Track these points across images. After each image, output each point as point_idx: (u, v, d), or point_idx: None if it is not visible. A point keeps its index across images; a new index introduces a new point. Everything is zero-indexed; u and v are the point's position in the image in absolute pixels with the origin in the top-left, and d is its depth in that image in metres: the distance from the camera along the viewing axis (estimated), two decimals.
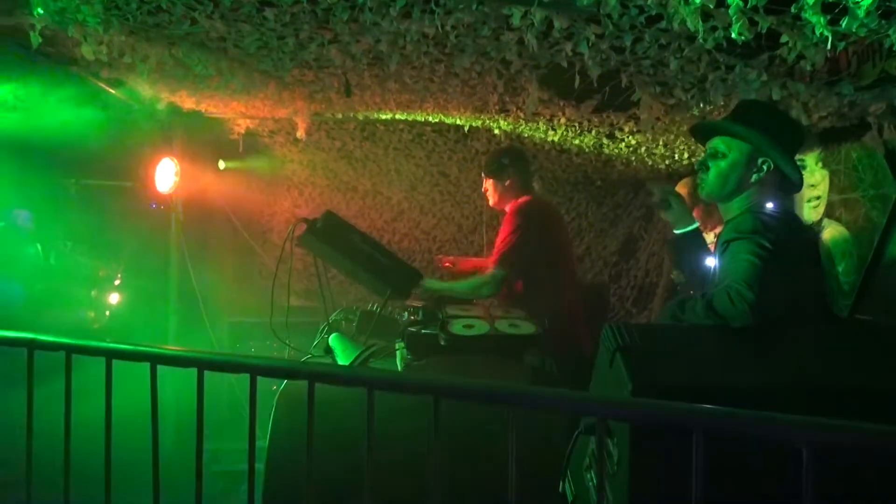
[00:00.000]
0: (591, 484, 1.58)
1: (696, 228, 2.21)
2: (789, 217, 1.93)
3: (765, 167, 1.88)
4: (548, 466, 1.72)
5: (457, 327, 2.33)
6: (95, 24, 2.14)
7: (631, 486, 1.35)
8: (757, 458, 1.23)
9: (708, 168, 1.95)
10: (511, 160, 3.23)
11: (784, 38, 1.82)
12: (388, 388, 1.30)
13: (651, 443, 1.32)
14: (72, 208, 3.68)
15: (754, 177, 1.89)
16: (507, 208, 3.24)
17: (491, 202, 3.32)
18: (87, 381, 1.65)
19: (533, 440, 1.66)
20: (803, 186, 3.09)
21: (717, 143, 1.94)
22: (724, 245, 1.81)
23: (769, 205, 1.90)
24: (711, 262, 2.13)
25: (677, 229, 2.22)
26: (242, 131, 4.09)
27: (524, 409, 1.16)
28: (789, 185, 1.93)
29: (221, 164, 4.49)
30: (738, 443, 1.12)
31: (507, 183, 3.20)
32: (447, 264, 3.56)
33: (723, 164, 1.92)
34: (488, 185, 3.28)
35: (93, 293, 3.97)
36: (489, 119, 3.48)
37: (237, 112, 3.69)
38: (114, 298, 4.05)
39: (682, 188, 3.12)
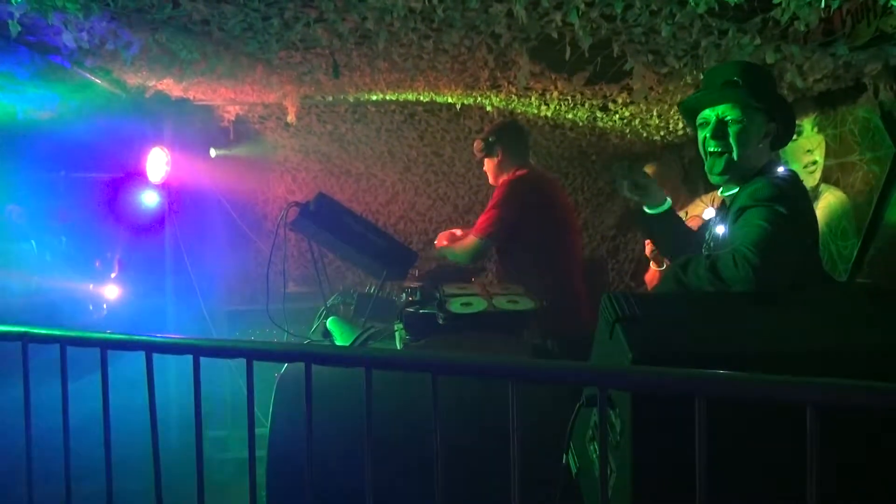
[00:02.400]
0: (594, 455, 1.57)
1: (671, 207, 2.13)
2: (798, 180, 1.89)
3: (773, 131, 1.86)
4: (550, 440, 1.72)
5: (455, 305, 2.32)
6: (75, 10, 2.10)
7: (634, 455, 1.34)
8: (759, 422, 1.22)
9: (726, 140, 1.85)
10: (497, 136, 3.25)
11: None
12: (385, 367, 1.28)
13: (653, 411, 1.31)
14: (63, 202, 3.65)
15: (762, 143, 1.87)
16: (496, 182, 3.28)
17: (490, 180, 3.36)
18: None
19: (534, 414, 1.65)
20: (801, 151, 3.10)
21: (726, 111, 1.86)
22: (738, 212, 1.76)
23: (780, 169, 1.88)
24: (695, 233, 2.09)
25: (651, 209, 2.12)
26: (232, 118, 4.05)
27: (525, 383, 1.15)
28: (780, 143, 1.92)
29: (213, 152, 4.44)
30: (739, 408, 1.11)
31: (497, 160, 3.24)
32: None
33: (741, 132, 1.84)
34: (485, 164, 3.33)
35: (90, 287, 3.95)
36: (481, 96, 3.44)
37: (226, 98, 3.65)
38: (111, 292, 4.04)
39: (648, 170, 3.08)
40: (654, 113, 3.43)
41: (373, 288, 2.99)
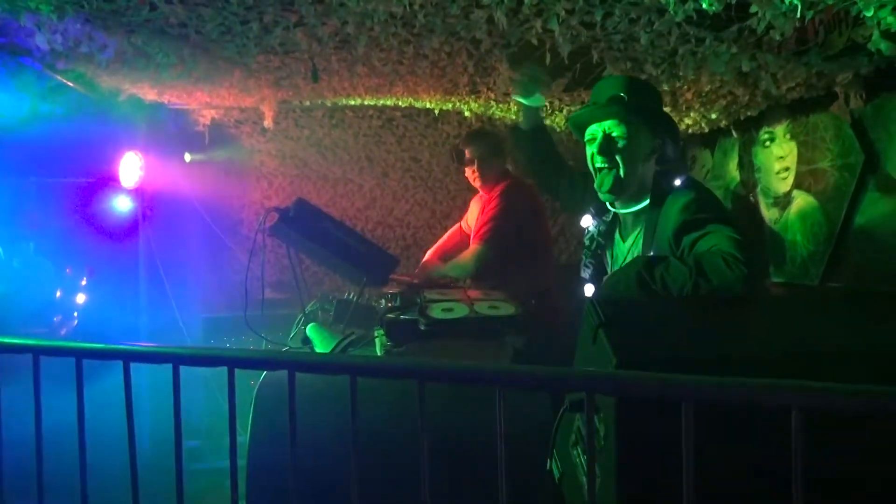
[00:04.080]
0: (577, 460, 1.57)
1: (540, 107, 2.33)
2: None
3: (659, 147, 1.93)
4: (534, 445, 1.72)
5: (436, 311, 2.31)
6: (49, 11, 2.05)
7: (618, 460, 1.34)
8: (744, 426, 1.24)
9: (612, 157, 1.89)
10: (483, 143, 3.33)
11: (754, 9, 1.82)
12: (371, 374, 1.27)
13: (637, 416, 1.31)
14: (32, 207, 3.56)
15: (649, 159, 1.91)
16: (489, 189, 3.32)
17: (476, 184, 3.41)
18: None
19: (518, 420, 1.65)
20: (773, 158, 3.16)
21: (612, 127, 1.90)
22: (682, 228, 1.77)
23: (677, 182, 1.93)
24: None
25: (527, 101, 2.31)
26: (208, 122, 4.00)
27: (510, 388, 1.15)
28: (667, 159, 1.97)
29: (187, 157, 4.38)
30: (724, 412, 1.12)
31: (483, 166, 3.30)
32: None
33: (627, 148, 1.89)
34: (469, 170, 3.38)
35: (58, 294, 3.86)
36: (459, 101, 3.45)
37: (202, 102, 3.60)
38: (81, 299, 3.95)
39: None
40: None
41: (352, 294, 2.97)
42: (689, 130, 3.59)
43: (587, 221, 2.20)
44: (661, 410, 1.08)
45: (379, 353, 2.39)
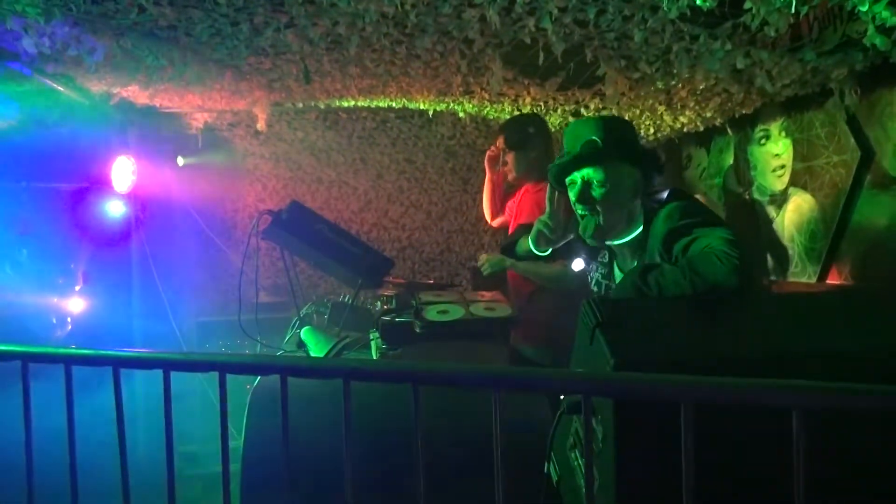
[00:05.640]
0: (575, 463, 1.56)
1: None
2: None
3: (641, 177, 1.91)
4: (531, 448, 1.70)
5: (431, 313, 2.29)
6: (36, 14, 2.02)
7: (617, 463, 1.33)
8: (744, 427, 1.22)
9: (592, 204, 1.88)
10: (537, 129, 3.02)
11: (748, 5, 1.81)
12: (364, 378, 1.25)
13: (636, 418, 1.30)
14: (25, 213, 3.53)
15: (633, 193, 1.91)
16: (536, 185, 2.97)
17: (510, 177, 3.11)
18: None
19: (515, 423, 1.63)
20: (769, 156, 3.15)
21: (590, 172, 1.88)
22: (670, 235, 1.78)
23: (663, 195, 1.93)
24: None
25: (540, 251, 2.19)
26: (200, 126, 3.98)
27: (507, 391, 1.13)
28: (651, 183, 1.96)
29: (180, 161, 4.36)
30: (723, 413, 1.10)
31: (533, 155, 2.98)
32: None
33: (607, 195, 1.87)
34: (509, 158, 3.03)
35: (53, 301, 3.83)
36: (453, 102, 3.43)
37: (193, 105, 3.58)
38: (75, 305, 3.92)
39: None
40: (627, 118, 3.45)
41: (347, 297, 2.95)
42: (684, 129, 3.57)
43: (579, 265, 2.19)
44: (660, 412, 1.06)
45: (374, 356, 2.37)
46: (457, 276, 4.89)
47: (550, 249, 2.15)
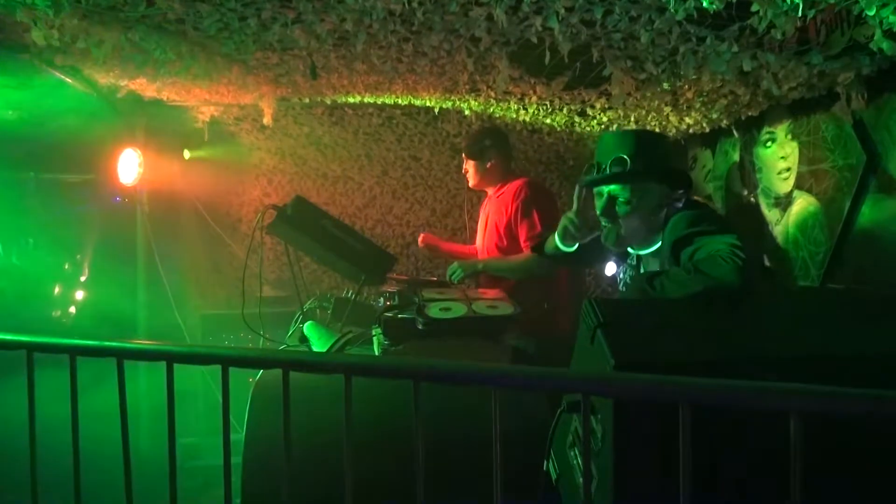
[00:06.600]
0: (574, 462, 1.56)
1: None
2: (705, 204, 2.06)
3: (667, 190, 1.93)
4: (531, 446, 1.70)
5: (434, 311, 2.30)
6: (45, 6, 2.03)
7: (615, 462, 1.33)
8: (742, 429, 1.22)
9: (615, 219, 1.92)
10: (493, 141, 3.21)
11: (755, 7, 1.80)
12: (365, 374, 1.26)
13: (634, 418, 1.30)
14: (32, 203, 3.56)
15: (657, 208, 1.93)
16: (497, 190, 3.22)
17: (471, 183, 3.31)
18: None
19: (515, 420, 1.64)
20: (775, 158, 3.14)
21: (616, 189, 1.91)
22: (681, 242, 1.80)
23: (679, 204, 1.95)
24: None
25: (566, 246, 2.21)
26: (207, 119, 3.99)
27: (507, 389, 1.13)
28: (676, 194, 1.97)
29: (187, 154, 4.38)
30: (722, 415, 1.11)
31: (488, 165, 3.20)
32: (424, 244, 3.53)
33: (631, 212, 1.91)
34: (469, 166, 3.26)
35: (57, 290, 3.86)
36: (459, 100, 3.43)
37: (200, 99, 3.59)
38: (79, 295, 3.94)
39: None
40: (632, 119, 3.45)
41: (350, 292, 2.96)
42: (690, 130, 3.57)
43: (611, 269, 2.22)
44: (659, 412, 1.07)
45: (376, 352, 2.38)
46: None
47: (577, 245, 2.18)
